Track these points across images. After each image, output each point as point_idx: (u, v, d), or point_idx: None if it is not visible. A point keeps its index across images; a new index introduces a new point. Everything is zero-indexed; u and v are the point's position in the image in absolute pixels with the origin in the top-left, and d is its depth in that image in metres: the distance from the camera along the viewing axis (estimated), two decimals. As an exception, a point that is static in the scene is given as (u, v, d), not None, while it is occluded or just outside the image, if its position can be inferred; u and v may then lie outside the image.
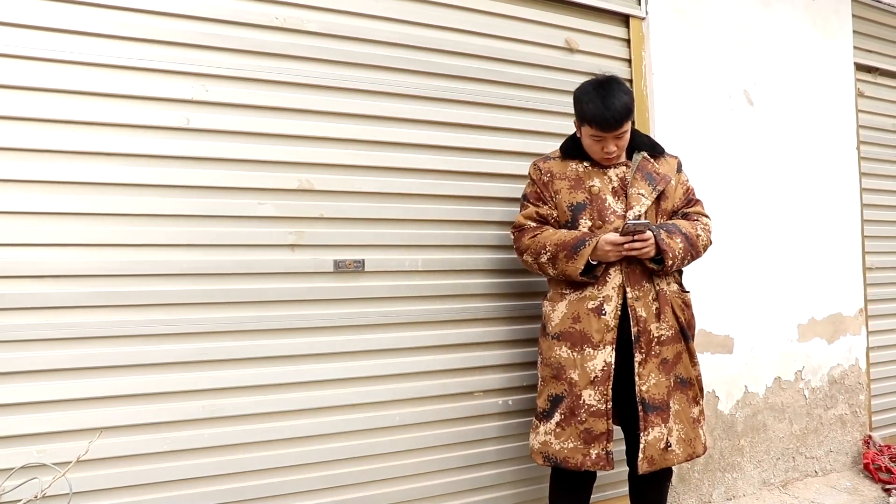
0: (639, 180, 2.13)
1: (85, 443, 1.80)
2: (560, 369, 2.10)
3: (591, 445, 2.04)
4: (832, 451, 3.36)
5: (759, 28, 3.17)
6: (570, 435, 2.06)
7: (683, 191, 2.25)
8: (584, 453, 2.04)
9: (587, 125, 2.06)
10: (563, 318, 2.11)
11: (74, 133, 1.92)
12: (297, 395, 2.17)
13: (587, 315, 2.07)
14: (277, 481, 2.14)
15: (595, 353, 2.05)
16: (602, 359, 2.05)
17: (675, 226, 2.12)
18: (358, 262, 2.26)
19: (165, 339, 2.01)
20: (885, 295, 3.64)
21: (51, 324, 1.88)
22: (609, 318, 2.05)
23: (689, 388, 2.16)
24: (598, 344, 2.05)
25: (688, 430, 2.13)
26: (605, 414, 2.05)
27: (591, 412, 2.04)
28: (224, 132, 2.10)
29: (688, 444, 2.12)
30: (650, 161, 2.18)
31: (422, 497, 2.35)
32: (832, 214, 3.38)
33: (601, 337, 2.05)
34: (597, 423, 2.04)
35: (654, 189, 2.13)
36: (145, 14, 2.00)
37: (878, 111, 3.67)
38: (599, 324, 2.06)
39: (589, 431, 2.04)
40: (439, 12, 2.44)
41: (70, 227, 1.91)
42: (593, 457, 2.04)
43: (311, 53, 2.22)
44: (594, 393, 2.04)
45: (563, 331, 2.11)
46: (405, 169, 2.35)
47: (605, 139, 2.06)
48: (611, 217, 2.09)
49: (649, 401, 2.05)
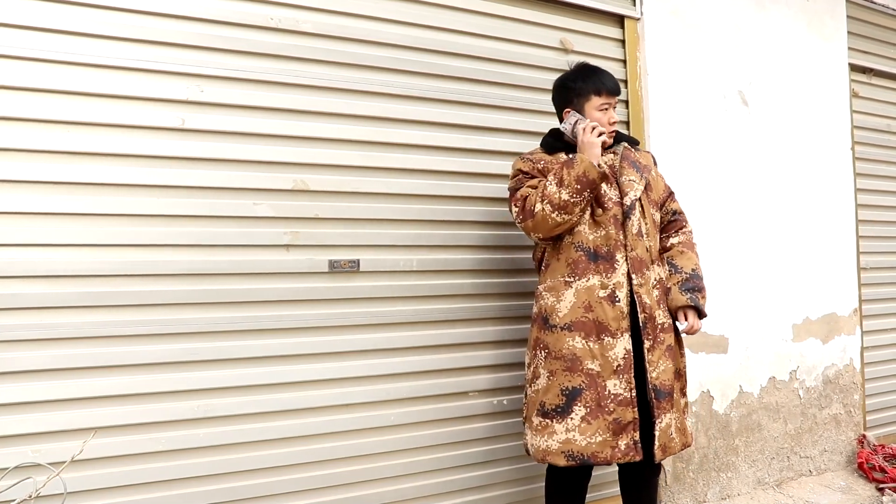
0: (626, 168, 2.16)
1: (79, 443, 1.81)
2: (575, 360, 2.03)
3: (619, 436, 2.00)
4: (827, 451, 3.37)
5: (754, 29, 3.18)
6: (598, 428, 1.99)
7: (663, 183, 2.30)
8: (614, 445, 1.99)
9: (595, 95, 2.13)
10: (574, 308, 2.05)
11: (68, 133, 1.92)
12: (292, 395, 2.18)
13: (599, 303, 2.04)
14: (271, 481, 2.14)
15: (615, 341, 2.03)
16: (622, 346, 2.02)
17: (696, 275, 2.19)
18: (353, 262, 2.27)
19: (160, 339, 2.01)
20: (880, 295, 3.66)
21: (45, 324, 1.88)
22: (623, 305, 2.04)
23: (679, 378, 2.17)
24: (615, 332, 2.03)
25: (682, 420, 2.14)
26: (632, 402, 2.01)
27: (618, 401, 2.00)
28: (219, 132, 2.10)
29: (682, 433, 2.13)
30: (632, 151, 2.23)
31: (415, 497, 2.35)
32: (827, 214, 3.39)
33: (618, 325, 2.03)
34: (625, 413, 2.00)
35: (641, 177, 2.16)
36: (140, 14, 2.00)
37: (873, 112, 3.69)
38: (615, 311, 2.03)
39: (618, 422, 2.00)
40: (434, 13, 2.44)
41: (63, 227, 1.91)
42: (622, 448, 1.99)
43: (306, 54, 2.22)
44: (619, 382, 2.01)
45: (574, 320, 2.04)
46: (400, 169, 2.36)
47: (610, 107, 2.15)
48: (608, 203, 2.10)
49: (661, 387, 2.04)
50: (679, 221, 2.29)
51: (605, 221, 2.09)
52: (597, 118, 2.14)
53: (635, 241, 2.09)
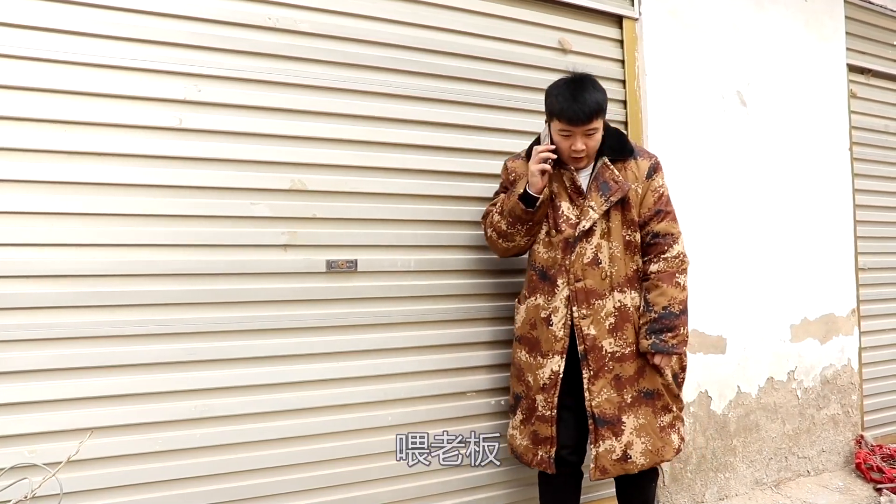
0: (593, 190, 2.07)
1: (76, 443, 1.80)
2: (520, 370, 2.18)
3: (538, 446, 2.11)
4: (824, 451, 3.37)
5: (752, 29, 3.18)
6: (526, 434, 2.15)
7: (655, 198, 2.12)
8: (534, 453, 2.12)
9: (556, 119, 2.01)
10: (523, 323, 2.17)
11: (65, 133, 1.92)
12: (289, 395, 2.17)
13: (541, 323, 2.11)
14: (269, 481, 2.14)
15: (545, 361, 2.09)
16: (550, 367, 2.08)
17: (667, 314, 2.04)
18: (350, 262, 2.27)
19: (157, 339, 2.00)
20: (878, 295, 3.66)
21: (42, 324, 1.88)
22: (556, 329, 2.07)
23: (656, 398, 2.12)
24: (546, 353, 2.09)
25: (654, 441, 2.10)
26: (550, 420, 2.07)
27: (538, 416, 2.10)
28: (217, 132, 2.10)
29: (654, 453, 2.10)
30: (609, 168, 2.08)
31: (413, 497, 2.35)
32: (825, 215, 3.39)
33: (550, 346, 2.08)
34: (542, 428, 2.09)
35: (605, 200, 2.05)
36: (138, 14, 1.99)
37: (871, 112, 3.69)
38: (548, 334, 2.08)
39: (536, 434, 2.11)
40: (432, 12, 2.44)
41: (61, 227, 1.91)
42: (539, 457, 2.11)
43: (304, 54, 2.22)
44: (542, 399, 2.09)
45: (522, 335, 2.18)
46: (398, 169, 2.36)
47: (573, 135, 2.00)
48: (563, 226, 2.07)
49: (599, 415, 2.05)
50: (660, 245, 2.10)
51: (556, 244, 2.09)
52: (558, 142, 2.04)
53: (585, 269, 2.05)
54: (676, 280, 2.08)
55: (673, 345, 2.05)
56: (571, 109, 1.96)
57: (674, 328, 2.05)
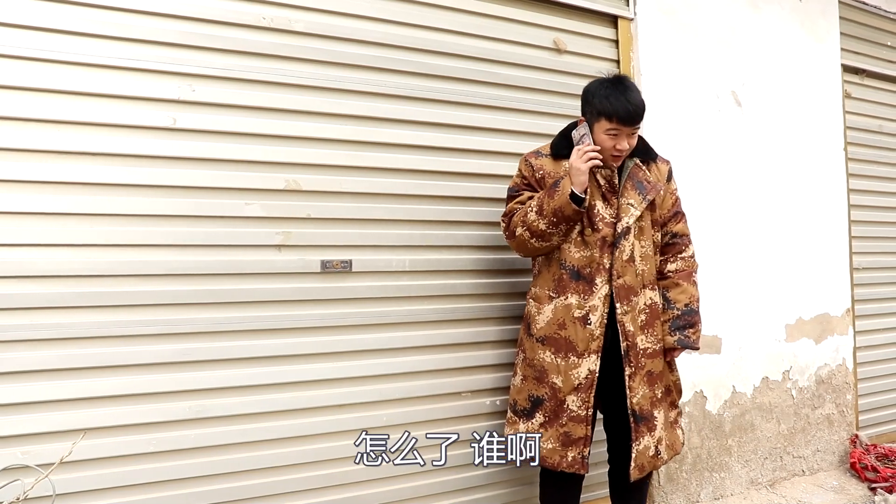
0: (629, 189, 2.10)
1: (69, 444, 1.79)
2: (543, 373, 2.11)
3: (568, 448, 2.08)
4: (819, 451, 3.38)
5: (747, 29, 3.19)
6: (551, 436, 2.10)
7: (673, 200, 2.23)
8: (562, 455, 2.08)
9: (606, 119, 2.00)
10: (549, 323, 2.11)
11: (60, 133, 1.91)
12: (285, 395, 2.17)
13: (573, 323, 2.07)
14: (265, 482, 2.13)
15: (580, 361, 2.06)
16: (586, 367, 2.06)
17: (689, 310, 2.18)
18: (345, 262, 2.26)
19: (151, 340, 2.00)
20: (872, 295, 3.67)
21: (36, 324, 1.87)
22: (594, 328, 2.06)
23: (668, 394, 2.23)
24: (582, 353, 2.06)
25: (671, 435, 2.21)
26: (585, 420, 2.07)
27: (571, 417, 2.07)
28: (211, 132, 2.09)
29: (670, 447, 2.21)
30: (642, 168, 2.15)
31: (411, 497, 2.35)
32: (820, 215, 3.40)
33: (586, 346, 2.06)
34: (576, 428, 2.07)
35: (643, 199, 2.10)
36: (132, 14, 1.99)
37: (865, 112, 3.70)
38: (584, 333, 2.06)
39: (568, 435, 2.08)
40: (426, 12, 2.44)
41: (55, 227, 1.90)
42: (569, 459, 2.08)
43: (299, 53, 2.21)
44: (576, 399, 2.06)
45: (548, 336, 2.11)
46: (393, 169, 2.35)
47: (620, 134, 2.02)
48: (599, 224, 2.06)
49: (640, 412, 2.08)
50: (678, 245, 2.23)
51: (593, 242, 2.07)
52: (601, 141, 2.04)
53: (624, 267, 2.07)
54: (693, 279, 2.23)
55: (694, 340, 2.18)
56: (626, 110, 1.99)
57: (694, 324, 2.18)
